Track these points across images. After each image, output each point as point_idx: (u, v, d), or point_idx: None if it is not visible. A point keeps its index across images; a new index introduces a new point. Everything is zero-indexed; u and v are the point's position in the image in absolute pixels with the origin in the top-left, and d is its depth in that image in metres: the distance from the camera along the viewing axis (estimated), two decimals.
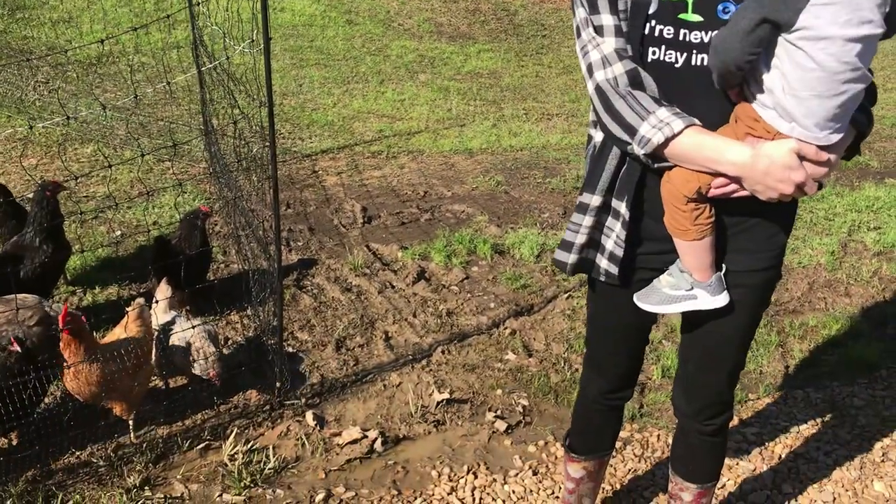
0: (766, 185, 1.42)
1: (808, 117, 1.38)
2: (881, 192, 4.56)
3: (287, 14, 7.43)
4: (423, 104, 6.02)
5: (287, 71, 6.35)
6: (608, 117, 1.49)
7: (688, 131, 1.43)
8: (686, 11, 1.45)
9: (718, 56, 1.39)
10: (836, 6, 1.29)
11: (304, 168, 4.83)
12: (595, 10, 1.49)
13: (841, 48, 1.31)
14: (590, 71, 1.51)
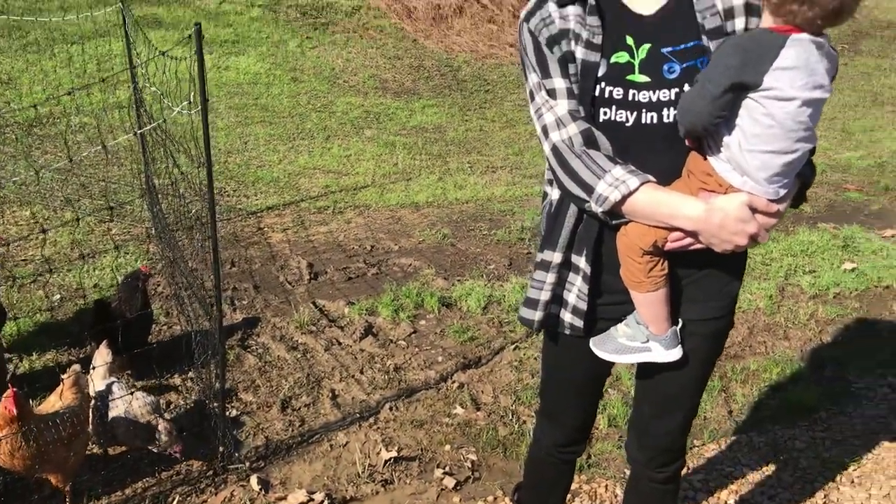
0: (721, 238, 1.49)
1: (761, 172, 1.47)
2: (814, 237, 4.70)
3: (232, 72, 7.45)
4: (370, 159, 6.06)
5: (232, 129, 6.35)
6: (565, 176, 1.55)
7: (643, 188, 1.49)
8: (634, 73, 1.53)
9: (687, 118, 1.48)
10: (796, 71, 1.40)
11: (250, 225, 4.80)
12: (547, 75, 1.55)
13: (797, 109, 1.42)
14: (545, 132, 1.57)
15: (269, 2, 8.90)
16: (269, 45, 8.19)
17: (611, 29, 1.54)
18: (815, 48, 1.42)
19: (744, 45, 1.43)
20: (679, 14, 1.55)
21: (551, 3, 1.56)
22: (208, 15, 8.54)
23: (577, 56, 1.53)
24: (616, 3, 1.57)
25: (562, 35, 1.54)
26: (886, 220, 5.09)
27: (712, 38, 1.53)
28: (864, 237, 4.74)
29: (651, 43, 1.53)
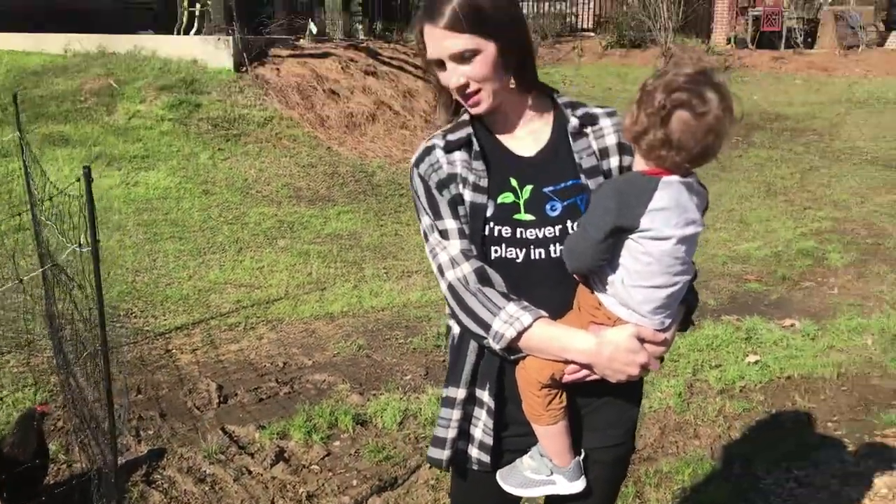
0: (613, 370, 1.57)
1: (645, 305, 1.57)
2: (719, 330, 4.85)
3: (141, 188, 7.39)
4: (283, 270, 6.04)
5: (141, 246, 6.25)
6: (463, 314, 1.62)
7: (537, 324, 1.57)
8: (520, 212, 1.64)
9: (573, 262, 1.59)
10: (669, 211, 1.52)
11: (157, 348, 4.68)
12: (439, 217, 1.65)
13: (673, 246, 1.53)
14: (441, 272, 1.65)
15: (179, 115, 8.93)
16: (180, 158, 8.18)
17: (496, 171, 1.66)
18: (685, 188, 1.54)
19: (619, 189, 1.54)
20: (558, 155, 1.68)
21: (438, 150, 1.67)
22: (117, 130, 8.51)
23: (465, 198, 1.63)
24: (499, 147, 1.69)
25: (450, 179, 1.64)
26: (785, 310, 5.29)
27: (590, 177, 1.66)
28: (766, 328, 4.92)
29: (533, 183, 1.65)
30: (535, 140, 1.70)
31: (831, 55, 18.30)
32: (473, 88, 1.60)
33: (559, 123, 1.71)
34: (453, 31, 1.56)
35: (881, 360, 4.47)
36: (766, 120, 13.09)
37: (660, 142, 1.50)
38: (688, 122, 1.48)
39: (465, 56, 1.58)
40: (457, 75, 1.59)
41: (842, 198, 8.26)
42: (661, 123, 1.49)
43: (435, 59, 1.60)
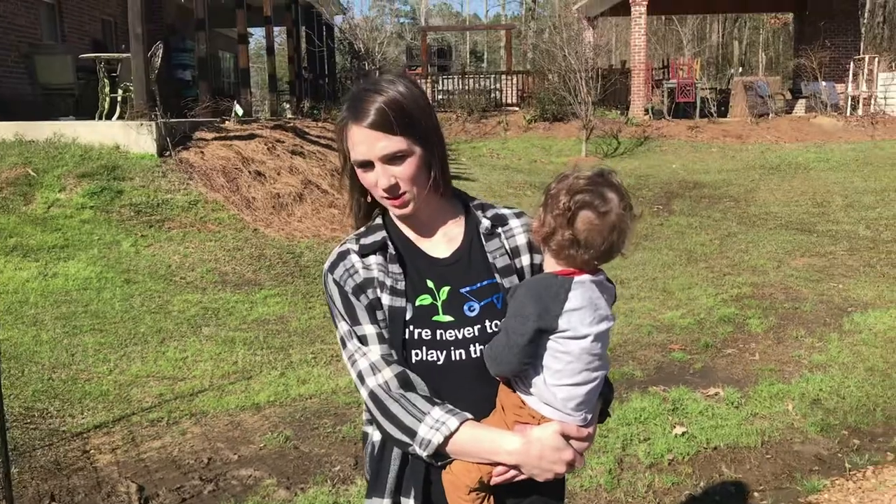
0: (542, 468, 1.58)
1: (568, 402, 1.60)
2: (646, 403, 4.90)
3: (60, 279, 7.19)
4: (208, 360, 5.90)
5: (59, 341, 6.05)
6: (386, 421, 1.60)
7: (463, 427, 1.57)
8: (438, 314, 1.66)
9: (497, 368, 1.61)
10: (583, 310, 1.58)
11: (74, 449, 4.49)
12: (356, 322, 1.64)
13: (591, 343, 1.59)
14: (361, 379, 1.63)
15: (100, 202, 8.78)
16: (101, 246, 8.01)
17: (412, 274, 1.68)
18: (596, 286, 1.62)
19: (536, 292, 1.59)
20: (472, 256, 1.72)
21: (353, 255, 1.68)
22: (35, 220, 8.30)
23: (384, 302, 1.64)
24: (414, 250, 1.72)
25: (367, 283, 1.65)
26: (709, 379, 5.39)
27: (504, 276, 1.71)
28: (691, 398, 4.99)
29: (450, 285, 1.68)
30: (448, 242, 1.73)
31: (743, 123, 19.19)
32: (402, 190, 1.63)
33: (471, 225, 1.76)
34: (386, 133, 1.60)
35: (802, 426, 4.58)
36: (685, 188, 13.55)
37: (568, 242, 1.58)
38: (592, 222, 1.56)
39: (397, 157, 1.61)
40: (386, 176, 1.61)
41: (759, 263, 8.54)
42: (568, 224, 1.57)
43: (362, 160, 1.62)
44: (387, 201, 1.65)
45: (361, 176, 1.66)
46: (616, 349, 6.00)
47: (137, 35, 10.12)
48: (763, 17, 41.95)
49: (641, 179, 14.30)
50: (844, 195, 12.27)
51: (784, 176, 14.15)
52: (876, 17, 39.83)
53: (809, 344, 6.00)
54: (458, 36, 54.16)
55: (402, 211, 1.66)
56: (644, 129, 18.53)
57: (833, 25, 22.86)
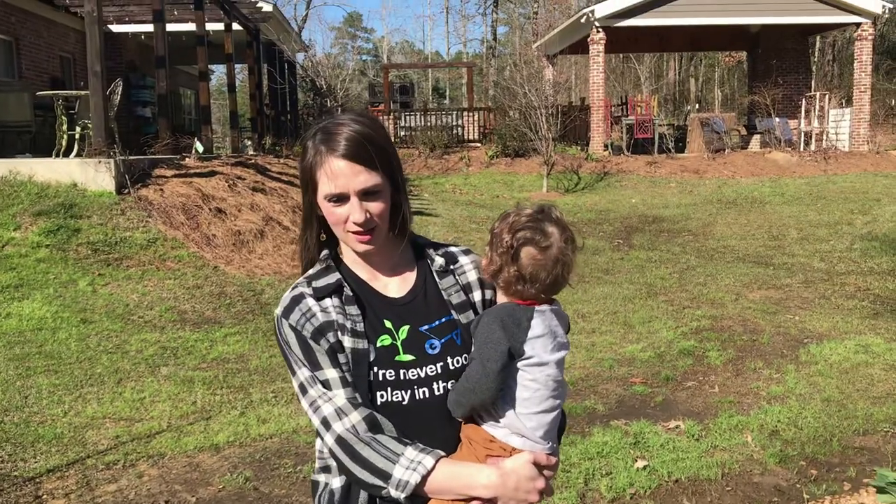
0: (517, 499, 1.59)
1: (537, 431, 1.64)
2: (608, 437, 4.92)
3: (13, 320, 7.04)
4: (165, 400, 5.80)
5: (11, 382, 5.91)
6: (356, 466, 1.57)
7: (439, 465, 1.56)
8: (399, 354, 1.65)
9: (474, 399, 1.61)
10: (546, 337, 1.63)
11: (26, 494, 4.37)
12: (318, 367, 1.61)
13: (554, 370, 1.64)
14: (326, 425, 1.59)
15: (57, 241, 8.64)
16: (57, 286, 7.87)
17: (370, 315, 1.67)
18: (554, 315, 1.68)
19: (501, 318, 1.63)
20: (427, 294, 1.74)
21: (309, 298, 1.65)
22: None
23: (345, 345, 1.62)
24: (369, 291, 1.71)
25: (326, 327, 1.63)
26: (670, 411, 5.43)
27: (460, 312, 1.73)
28: (653, 431, 5.02)
29: (409, 324, 1.68)
30: (402, 281, 1.74)
31: (701, 158, 19.57)
32: (373, 226, 1.63)
33: (422, 263, 1.77)
34: (366, 167, 1.60)
35: (761, 457, 4.62)
36: (645, 222, 13.74)
37: (514, 277, 1.64)
38: (535, 257, 1.62)
39: (373, 192, 1.62)
40: (361, 211, 1.60)
41: (718, 296, 8.66)
42: (512, 261, 1.63)
43: (339, 192, 1.60)
44: (354, 237, 1.64)
45: (329, 211, 1.64)
46: (578, 383, 6.02)
47: (96, 72, 10.06)
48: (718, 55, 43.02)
49: (602, 214, 14.47)
50: (799, 228, 12.54)
51: (741, 210, 14.42)
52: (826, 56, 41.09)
53: (767, 375, 6.08)
54: (420, 73, 54.67)
55: (366, 247, 1.65)
56: (604, 165, 18.81)
57: (785, 63, 23.53)
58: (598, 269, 10.28)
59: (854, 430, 4.98)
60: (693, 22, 20.57)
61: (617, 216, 14.26)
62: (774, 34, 23.36)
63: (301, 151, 1.70)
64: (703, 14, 20.13)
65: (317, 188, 1.64)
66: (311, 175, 1.64)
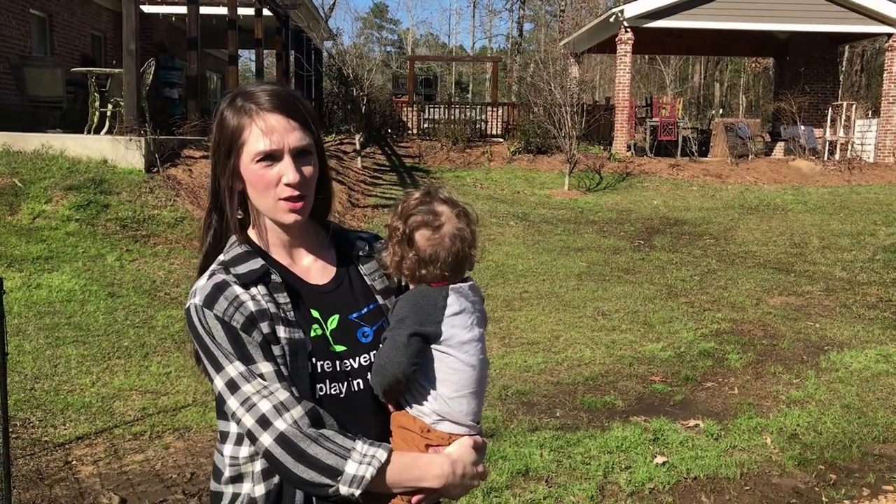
0: (463, 486, 1.57)
1: (469, 415, 1.61)
2: (627, 432, 4.96)
3: (43, 290, 7.16)
4: (191, 375, 5.89)
5: (41, 351, 6.02)
6: (301, 465, 1.44)
7: (392, 458, 1.49)
8: (330, 344, 1.57)
9: (387, 370, 1.56)
10: (464, 314, 1.60)
11: (56, 460, 4.47)
12: (251, 361, 1.47)
13: (475, 347, 1.61)
14: (264, 423, 1.45)
15: (86, 216, 8.76)
16: (86, 259, 7.99)
17: (299, 304, 1.57)
18: (470, 291, 1.65)
19: (416, 301, 1.60)
20: (352, 281, 1.67)
21: (235, 286, 1.51)
22: (20, 231, 8.27)
23: (280, 335, 1.51)
24: (294, 278, 1.60)
25: (260, 316, 1.50)
26: (689, 410, 5.47)
27: (385, 297, 1.68)
28: (672, 429, 5.06)
29: (338, 313, 1.61)
30: (323, 268, 1.65)
31: (724, 163, 19.50)
32: (304, 193, 1.54)
33: (340, 249, 1.69)
34: (300, 125, 1.53)
35: (780, 459, 4.66)
36: (667, 224, 13.73)
37: (414, 262, 1.61)
38: (429, 237, 1.60)
39: (305, 153, 1.54)
40: (293, 170, 1.51)
41: (738, 300, 8.67)
42: (409, 246, 1.61)
43: (272, 149, 1.50)
44: (285, 204, 1.53)
45: (257, 174, 1.52)
46: (598, 379, 6.07)
47: (131, 51, 10.17)
48: (744, 61, 42.79)
49: (623, 214, 14.48)
50: (821, 237, 12.50)
51: (763, 216, 14.38)
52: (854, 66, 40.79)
53: (787, 380, 6.10)
54: (443, 66, 54.68)
55: (295, 217, 1.54)
56: (626, 165, 18.79)
57: (812, 72, 23.40)
58: (618, 269, 10.30)
59: (874, 438, 5.01)
60: (721, 26, 20.48)
61: (638, 217, 14.26)
62: (803, 42, 23.22)
63: (218, 119, 1.57)
64: (731, 19, 20.03)
65: (241, 151, 1.52)
66: (237, 136, 1.52)
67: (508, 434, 4.95)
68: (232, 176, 1.55)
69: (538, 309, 8.13)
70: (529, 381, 5.99)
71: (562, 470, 4.44)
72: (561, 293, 8.85)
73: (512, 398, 5.64)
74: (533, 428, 5.09)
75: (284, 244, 1.61)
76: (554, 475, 4.38)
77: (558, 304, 8.32)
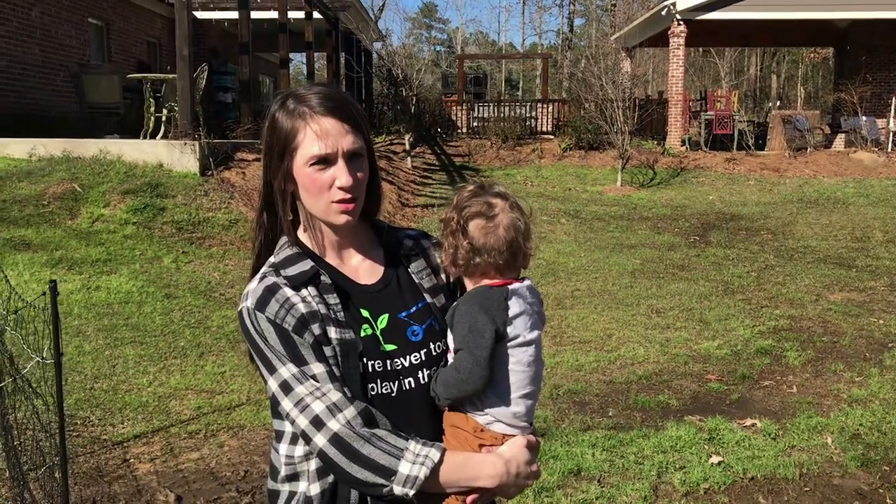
0: (518, 486, 1.55)
1: (523, 415, 1.60)
2: (682, 431, 4.87)
3: (102, 292, 7.34)
4: (245, 375, 5.97)
5: (100, 352, 6.17)
6: (355, 465, 1.45)
7: (445, 458, 1.48)
8: (381, 344, 1.57)
9: (467, 385, 1.54)
10: (525, 315, 1.59)
11: (114, 458, 4.57)
12: (303, 363, 1.49)
13: (535, 349, 1.61)
14: (317, 424, 1.46)
15: (143, 219, 8.96)
16: (143, 261, 8.17)
17: (349, 304, 1.58)
18: (529, 292, 1.63)
19: (479, 303, 1.58)
20: (400, 280, 1.66)
21: (286, 288, 1.52)
22: (80, 235, 8.50)
23: (331, 336, 1.52)
24: (342, 278, 1.61)
25: (310, 318, 1.51)
26: (746, 410, 5.35)
27: (433, 296, 1.68)
28: (728, 428, 4.95)
29: (388, 312, 1.60)
30: (371, 267, 1.65)
31: (781, 157, 19.06)
32: (356, 195, 1.54)
33: (388, 248, 1.69)
34: (352, 127, 1.54)
35: (841, 460, 4.52)
36: (723, 219, 13.47)
37: (468, 252, 1.59)
38: (484, 226, 1.60)
39: (358, 156, 1.55)
40: (346, 174, 1.51)
41: (797, 296, 8.46)
42: (463, 235, 1.60)
43: (326, 153, 1.51)
44: (337, 206, 1.54)
45: (311, 178, 1.53)
46: (651, 378, 5.98)
47: (184, 57, 10.36)
48: (802, 52, 41.77)
49: (677, 210, 14.25)
50: (885, 231, 12.13)
51: (823, 210, 14.01)
52: None
53: (849, 378, 5.92)
54: (493, 65, 54.57)
55: (347, 218, 1.55)
56: (680, 160, 18.49)
57: (875, 60, 22.69)
58: (673, 265, 10.14)
59: None
60: (777, 16, 20.01)
61: (693, 212, 14.02)
62: (865, 30, 22.55)
63: (270, 121, 1.57)
64: (788, 8, 19.56)
65: (294, 154, 1.53)
66: (290, 139, 1.53)
67: (560, 434, 4.90)
68: (284, 178, 1.56)
69: (590, 307, 8.04)
70: (581, 381, 5.92)
71: (614, 470, 4.38)
72: (613, 291, 8.74)
73: (563, 397, 5.58)
74: (585, 427, 5.03)
75: (334, 245, 1.62)
76: (606, 475, 4.32)
77: (611, 302, 8.22)
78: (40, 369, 3.84)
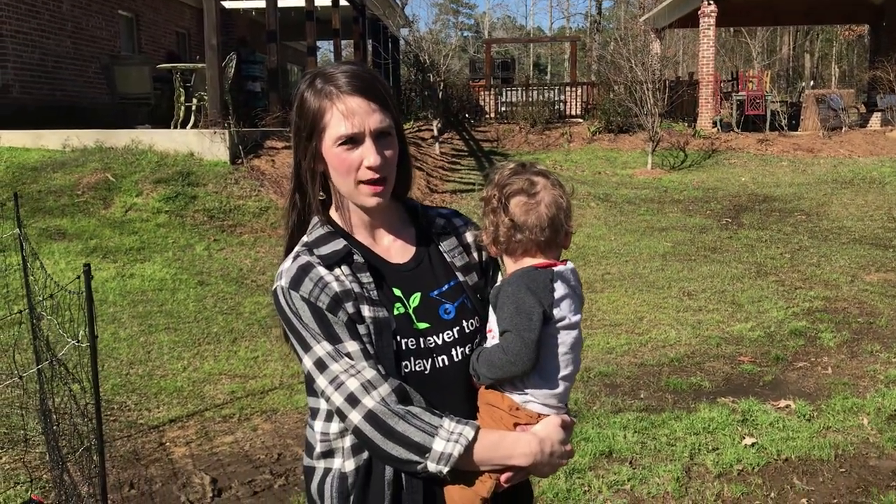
0: (552, 465, 1.55)
1: (565, 395, 1.60)
2: (714, 413, 4.84)
3: (136, 280, 7.45)
4: (278, 360, 6.03)
5: (135, 338, 6.26)
6: (390, 442, 1.45)
7: (480, 436, 1.48)
8: (413, 322, 1.57)
9: (515, 367, 1.53)
10: (569, 298, 1.58)
11: (151, 441, 4.65)
12: (338, 341, 1.49)
13: (578, 332, 1.61)
14: (352, 401, 1.46)
15: (175, 207, 9.06)
16: (176, 249, 8.26)
17: (381, 283, 1.58)
18: (572, 276, 1.62)
19: (526, 285, 1.56)
20: (432, 259, 1.66)
21: (319, 267, 1.53)
22: (113, 223, 8.62)
23: (365, 315, 1.52)
24: (374, 257, 1.61)
25: (344, 296, 1.51)
26: (779, 391, 5.29)
27: (465, 274, 1.67)
28: (761, 409, 4.91)
29: (420, 290, 1.60)
30: (403, 246, 1.65)
31: (815, 137, 18.75)
32: (385, 174, 1.54)
33: (419, 226, 1.69)
34: (380, 106, 1.53)
35: (878, 441, 4.46)
36: (755, 201, 13.31)
37: (510, 229, 1.58)
38: (525, 203, 1.58)
39: (387, 134, 1.54)
40: (374, 153, 1.51)
41: (832, 277, 8.34)
42: (504, 213, 1.59)
43: (354, 132, 1.51)
44: (367, 187, 1.53)
45: (339, 157, 1.52)
46: (683, 360, 5.94)
47: (213, 46, 10.43)
48: (836, 29, 41.00)
49: (709, 192, 14.10)
50: None
51: (858, 190, 13.78)
52: None
53: (885, 359, 5.84)
54: (521, 49, 54.25)
55: (377, 200, 1.55)
56: (712, 142, 18.27)
57: None
58: (705, 248, 10.04)
59: None
60: None
61: (725, 194, 13.87)
62: None
63: (298, 101, 1.57)
64: None
65: (323, 134, 1.53)
66: (318, 119, 1.53)
67: (591, 416, 4.90)
68: (314, 158, 1.56)
69: (620, 290, 8.00)
70: (612, 363, 5.90)
71: (646, 452, 4.37)
72: (644, 274, 8.68)
73: (594, 380, 5.57)
74: (616, 409, 5.02)
75: (365, 224, 1.62)
76: (638, 457, 4.30)
77: (642, 285, 8.17)
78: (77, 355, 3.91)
